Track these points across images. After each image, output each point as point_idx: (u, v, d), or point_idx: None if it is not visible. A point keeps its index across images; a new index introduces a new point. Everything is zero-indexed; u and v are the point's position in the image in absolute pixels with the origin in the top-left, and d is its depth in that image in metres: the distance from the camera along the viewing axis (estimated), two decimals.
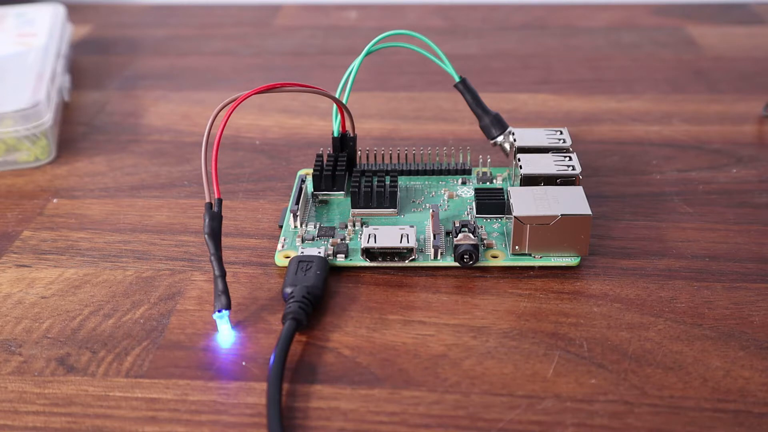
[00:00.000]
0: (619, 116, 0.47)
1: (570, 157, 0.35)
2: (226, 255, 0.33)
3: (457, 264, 0.33)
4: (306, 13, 0.68)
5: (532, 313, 0.31)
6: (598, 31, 0.62)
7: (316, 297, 0.31)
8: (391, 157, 0.40)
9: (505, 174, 0.39)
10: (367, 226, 0.34)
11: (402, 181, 0.39)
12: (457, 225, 0.33)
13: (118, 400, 0.27)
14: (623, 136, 0.45)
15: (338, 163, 0.38)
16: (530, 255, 0.33)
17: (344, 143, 0.38)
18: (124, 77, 0.54)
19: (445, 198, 0.37)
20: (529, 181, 0.35)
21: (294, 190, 0.37)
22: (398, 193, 0.37)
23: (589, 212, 0.32)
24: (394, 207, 0.36)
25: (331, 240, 0.34)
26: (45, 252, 0.35)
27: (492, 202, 0.35)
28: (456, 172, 0.39)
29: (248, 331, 0.30)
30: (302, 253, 0.33)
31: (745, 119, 0.46)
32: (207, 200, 0.30)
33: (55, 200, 0.39)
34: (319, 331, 0.30)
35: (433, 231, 0.34)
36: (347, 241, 0.34)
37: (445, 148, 0.42)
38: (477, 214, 0.36)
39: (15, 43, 0.51)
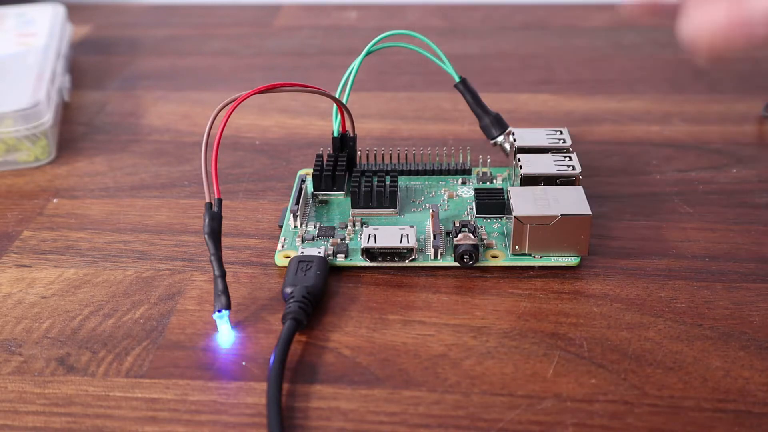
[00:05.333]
0: (619, 116, 0.47)
1: (570, 157, 0.35)
2: (226, 255, 0.33)
3: (457, 264, 0.33)
4: (306, 13, 0.68)
5: (532, 313, 0.31)
6: (598, 31, 0.62)
7: (316, 297, 0.31)
8: (391, 157, 0.40)
9: (505, 174, 0.39)
10: (367, 226, 0.34)
11: (402, 181, 0.39)
12: (457, 225, 0.33)
13: (118, 400, 0.27)
14: (623, 136, 0.45)
15: (338, 163, 0.38)
16: (530, 255, 0.33)
17: (344, 143, 0.38)
18: (124, 77, 0.54)
19: (445, 198, 0.37)
20: (529, 181, 0.35)
21: (294, 190, 0.37)
22: (398, 193, 0.37)
23: (589, 212, 0.32)
24: (394, 207, 0.36)
25: (331, 240, 0.34)
26: (45, 252, 0.35)
27: (492, 202, 0.35)
28: (456, 172, 0.39)
29: (248, 331, 0.30)
30: (302, 253, 0.33)
31: (745, 119, 0.46)
32: (207, 200, 0.30)
33: (55, 200, 0.39)
34: (319, 331, 0.30)
35: (433, 231, 0.34)
36: (347, 241, 0.34)
37: (445, 148, 0.42)
38: (477, 214, 0.36)
39: (15, 43, 0.51)
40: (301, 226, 0.35)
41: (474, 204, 0.36)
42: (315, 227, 0.35)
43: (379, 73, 0.54)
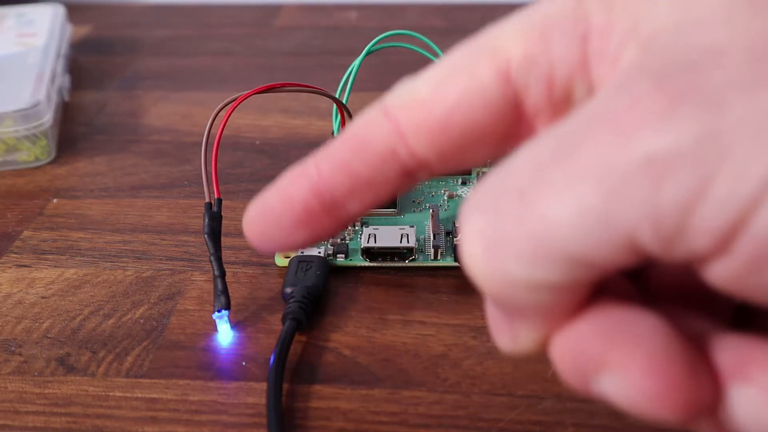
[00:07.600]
0: None
1: None
2: (226, 255, 0.33)
3: (457, 264, 0.33)
4: (306, 13, 0.68)
5: None
6: None
7: (316, 297, 0.31)
8: None
9: None
10: (367, 226, 0.34)
11: None
12: (457, 225, 0.33)
13: (118, 400, 0.27)
14: None
15: None
16: None
17: None
18: (124, 77, 0.54)
19: (445, 198, 0.37)
20: None
21: None
22: None
23: None
24: (394, 207, 0.36)
25: (331, 240, 0.34)
26: (45, 252, 0.35)
27: None
28: (456, 172, 0.39)
29: (248, 331, 0.30)
30: (302, 253, 0.33)
31: None
32: (207, 200, 0.30)
33: (55, 200, 0.39)
34: (319, 331, 0.30)
35: (433, 231, 0.34)
36: (347, 241, 0.34)
37: None
38: None
39: (15, 43, 0.51)
40: None
41: None
42: None
43: (379, 73, 0.54)
